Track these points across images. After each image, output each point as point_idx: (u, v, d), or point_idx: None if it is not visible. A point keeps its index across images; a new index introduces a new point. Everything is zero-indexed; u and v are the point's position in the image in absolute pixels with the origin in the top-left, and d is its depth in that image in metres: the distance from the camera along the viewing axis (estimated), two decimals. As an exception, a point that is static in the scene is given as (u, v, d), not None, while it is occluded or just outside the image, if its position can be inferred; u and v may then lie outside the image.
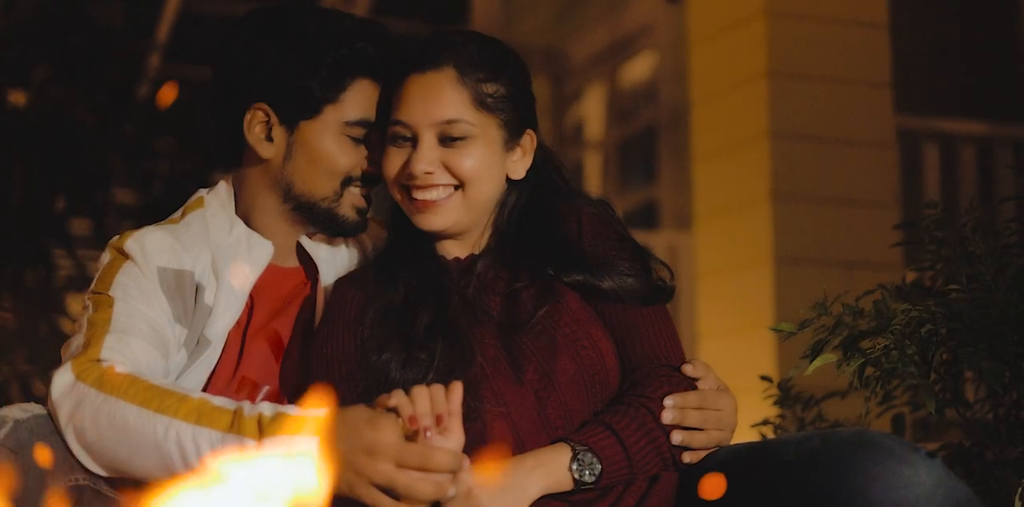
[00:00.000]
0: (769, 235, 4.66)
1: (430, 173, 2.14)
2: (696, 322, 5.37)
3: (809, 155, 4.73)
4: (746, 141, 4.78)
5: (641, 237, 6.44)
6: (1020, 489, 2.21)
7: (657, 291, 2.17)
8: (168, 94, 4.81)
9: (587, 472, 2.00)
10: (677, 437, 2.04)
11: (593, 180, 8.65)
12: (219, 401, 1.95)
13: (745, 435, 3.17)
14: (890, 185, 4.86)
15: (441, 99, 2.14)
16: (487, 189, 2.18)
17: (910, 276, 2.76)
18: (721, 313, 4.92)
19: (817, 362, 2.27)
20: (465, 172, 2.15)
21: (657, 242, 6.58)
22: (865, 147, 4.81)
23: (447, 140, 2.14)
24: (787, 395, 3.06)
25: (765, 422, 3.09)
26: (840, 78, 4.81)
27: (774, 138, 4.69)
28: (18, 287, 4.65)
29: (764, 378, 3.06)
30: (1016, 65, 6.57)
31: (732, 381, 3.29)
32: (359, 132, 2.26)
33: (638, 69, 8.17)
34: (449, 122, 2.13)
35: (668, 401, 2.06)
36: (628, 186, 8.38)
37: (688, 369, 2.11)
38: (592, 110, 8.69)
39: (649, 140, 7.94)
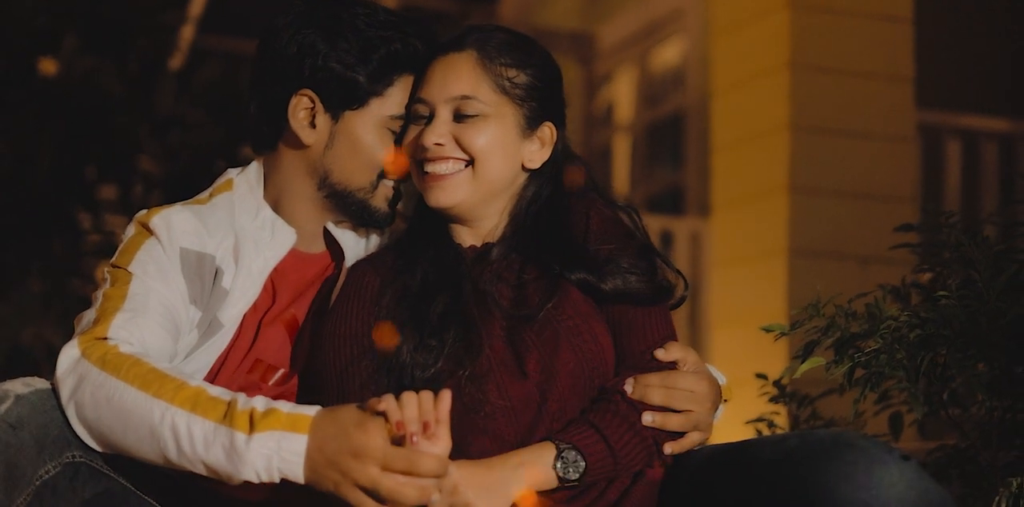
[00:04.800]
0: (785, 227, 4.65)
1: (440, 145, 2.18)
2: (711, 310, 5.38)
3: (828, 148, 4.72)
4: (766, 132, 4.77)
5: (666, 222, 6.47)
6: (997, 497, 2.21)
7: (660, 291, 2.19)
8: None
9: (571, 470, 2.02)
10: (648, 418, 2.06)
11: (621, 163, 8.65)
12: (216, 391, 1.97)
13: (740, 431, 3.19)
14: (909, 181, 4.84)
15: (458, 76, 2.19)
16: (497, 169, 2.20)
17: (910, 277, 2.76)
18: (734, 303, 4.92)
19: (806, 365, 2.28)
20: (476, 148, 2.17)
21: (681, 228, 6.58)
22: (885, 141, 4.78)
23: (461, 117, 2.18)
24: (783, 392, 3.06)
25: (760, 419, 3.09)
26: (862, 71, 4.79)
27: (794, 130, 4.67)
28: (46, 254, 4.70)
29: (760, 376, 3.06)
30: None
31: (741, 372, 3.31)
32: (400, 126, 2.28)
33: (668, 54, 8.15)
34: (464, 98, 2.17)
35: (629, 380, 2.09)
36: (656, 170, 8.37)
37: (660, 353, 2.14)
38: (622, 93, 8.67)
39: (677, 125, 7.93)
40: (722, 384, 2.21)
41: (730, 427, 4.25)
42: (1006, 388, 2.48)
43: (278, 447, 1.88)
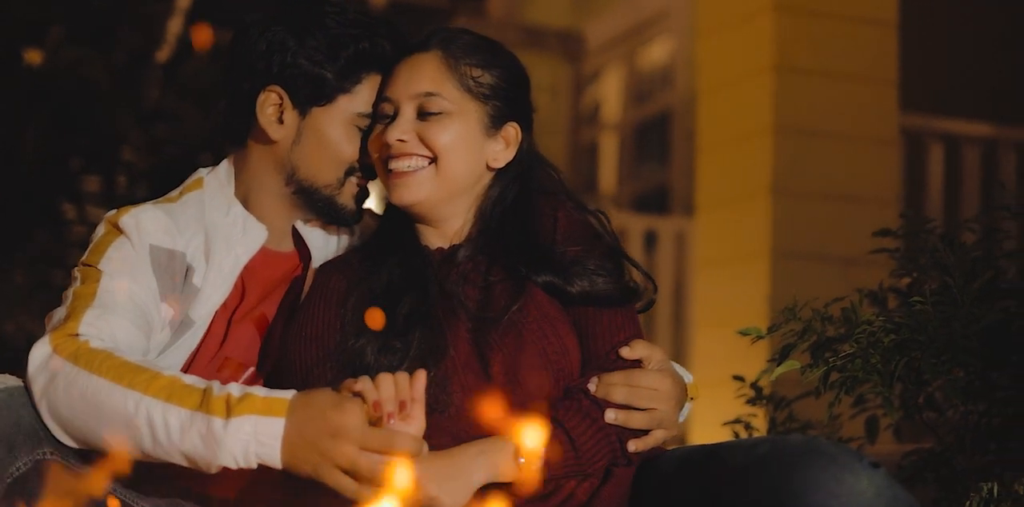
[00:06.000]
0: (768, 229, 4.66)
1: (403, 141, 2.20)
2: (694, 310, 5.39)
3: (812, 150, 4.73)
4: (750, 134, 4.78)
5: (652, 222, 6.46)
6: (968, 502, 2.23)
7: (627, 293, 2.20)
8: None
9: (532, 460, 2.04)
10: (611, 415, 2.08)
11: (608, 161, 8.67)
12: (190, 380, 1.98)
13: (717, 432, 3.20)
14: (892, 183, 4.85)
15: (423, 74, 2.21)
16: (460, 167, 2.21)
17: (888, 282, 2.78)
18: (717, 303, 4.93)
19: (781, 368, 2.29)
20: (439, 145, 2.19)
21: (666, 227, 6.59)
22: (868, 144, 4.80)
23: (425, 114, 2.20)
24: (760, 394, 3.08)
25: (737, 421, 3.11)
26: (846, 74, 4.80)
27: (778, 132, 4.68)
28: (29, 245, 4.69)
29: (737, 378, 3.08)
30: (1025, 67, 6.55)
31: (723, 373, 3.31)
32: (368, 124, 2.30)
33: (655, 53, 8.17)
34: (428, 95, 2.20)
35: (593, 379, 2.11)
36: (643, 169, 8.39)
37: (625, 351, 2.15)
38: (610, 92, 8.69)
39: (664, 125, 7.95)
40: (688, 382, 2.22)
41: (708, 428, 4.25)
42: (981, 393, 2.50)
43: (255, 431, 1.90)
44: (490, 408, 2.08)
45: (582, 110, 8.83)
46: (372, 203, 2.43)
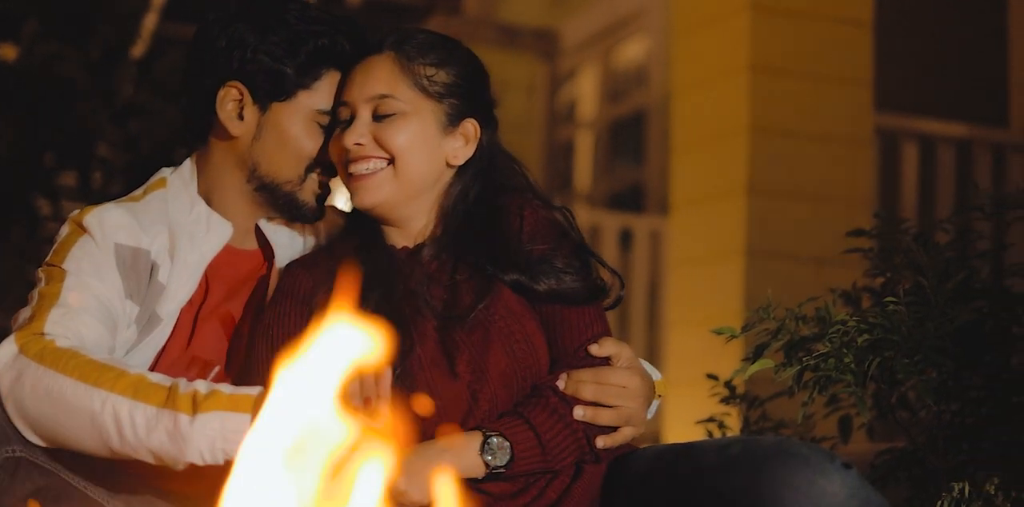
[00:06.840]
0: (742, 228, 4.67)
1: (360, 145, 2.20)
2: (668, 309, 5.40)
3: (787, 150, 4.73)
4: (725, 133, 4.78)
5: (626, 220, 6.46)
6: (939, 502, 2.24)
7: (595, 291, 2.20)
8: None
9: (498, 456, 2.04)
10: (579, 412, 2.08)
11: (583, 160, 8.68)
12: (156, 377, 1.98)
13: (691, 431, 3.20)
14: (866, 183, 4.86)
15: (377, 77, 2.21)
16: (419, 166, 2.21)
17: (862, 282, 2.79)
18: (691, 302, 4.94)
19: (754, 367, 2.30)
20: (395, 146, 2.19)
21: (641, 226, 6.60)
22: (843, 144, 4.81)
23: (380, 116, 2.20)
24: (733, 393, 3.08)
25: (711, 419, 3.11)
26: (821, 74, 4.81)
27: (753, 131, 4.68)
28: (3, 241, 4.67)
29: (711, 376, 3.08)
30: (1000, 67, 6.57)
31: (697, 372, 3.32)
32: (328, 121, 2.30)
33: (631, 52, 8.18)
34: (382, 97, 2.20)
35: (561, 376, 2.11)
36: (618, 167, 8.41)
37: (594, 348, 2.15)
38: (585, 90, 8.70)
39: (639, 123, 7.96)
40: (656, 380, 2.23)
41: (682, 426, 4.24)
42: (954, 393, 2.51)
43: (221, 427, 1.90)
44: (456, 406, 2.09)
45: (558, 108, 8.84)
46: (341, 202, 2.42)
